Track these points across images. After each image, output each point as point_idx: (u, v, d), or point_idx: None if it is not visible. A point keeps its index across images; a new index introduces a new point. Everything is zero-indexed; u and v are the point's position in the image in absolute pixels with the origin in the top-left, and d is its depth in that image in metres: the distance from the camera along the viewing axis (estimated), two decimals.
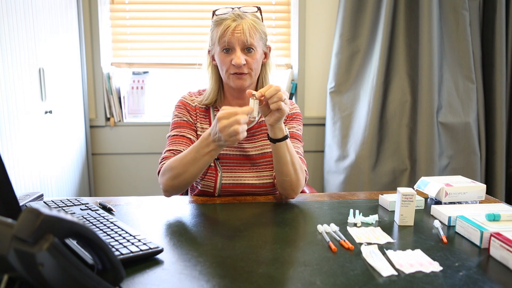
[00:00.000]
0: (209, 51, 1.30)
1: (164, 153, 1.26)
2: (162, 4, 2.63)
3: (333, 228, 0.97)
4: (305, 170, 1.25)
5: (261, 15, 1.26)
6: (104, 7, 2.58)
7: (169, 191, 1.18)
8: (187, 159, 1.11)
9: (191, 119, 1.31)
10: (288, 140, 1.15)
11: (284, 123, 1.36)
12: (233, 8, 1.22)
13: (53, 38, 2.08)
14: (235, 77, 1.22)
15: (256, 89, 1.32)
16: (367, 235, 0.94)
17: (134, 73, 2.70)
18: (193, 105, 1.33)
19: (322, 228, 0.97)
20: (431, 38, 2.29)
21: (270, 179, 1.31)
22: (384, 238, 0.93)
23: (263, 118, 1.35)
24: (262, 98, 1.06)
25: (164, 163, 1.21)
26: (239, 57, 1.18)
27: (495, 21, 2.36)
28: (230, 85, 1.25)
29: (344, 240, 0.89)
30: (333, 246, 0.87)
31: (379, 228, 0.99)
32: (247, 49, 1.20)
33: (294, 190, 1.19)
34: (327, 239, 0.91)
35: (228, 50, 1.20)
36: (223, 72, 1.24)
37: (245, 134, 1.00)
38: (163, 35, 2.67)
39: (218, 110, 1.32)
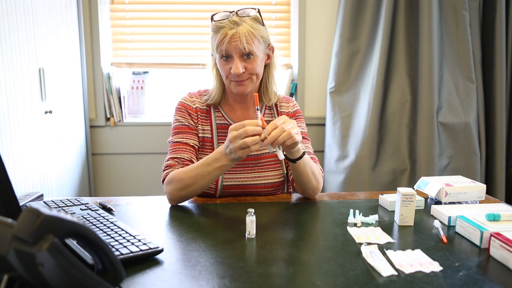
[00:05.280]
0: (212, 54, 1.29)
1: (168, 160, 1.25)
2: (162, 4, 2.63)
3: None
4: (321, 169, 1.28)
5: (260, 16, 1.23)
6: (104, 7, 2.58)
7: (176, 201, 1.18)
8: (197, 172, 1.11)
9: (192, 122, 1.30)
10: (305, 156, 1.16)
11: None
12: (231, 12, 1.19)
13: (53, 38, 2.08)
14: (235, 84, 1.22)
15: (259, 92, 1.32)
16: (367, 235, 0.94)
17: (134, 73, 2.70)
18: (194, 106, 1.31)
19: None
20: (431, 38, 2.29)
21: (273, 179, 1.30)
22: (384, 238, 0.93)
23: (266, 118, 1.35)
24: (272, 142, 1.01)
25: (168, 172, 1.21)
26: (237, 67, 1.17)
27: (495, 21, 2.36)
28: (232, 91, 1.25)
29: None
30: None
31: (379, 228, 0.99)
32: (246, 55, 1.19)
33: (315, 193, 1.25)
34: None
35: (227, 57, 1.20)
36: (224, 78, 1.25)
37: (258, 147, 1.00)
38: (163, 35, 2.67)
39: (219, 111, 1.32)
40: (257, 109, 1.09)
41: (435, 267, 0.78)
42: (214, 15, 1.21)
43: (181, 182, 1.14)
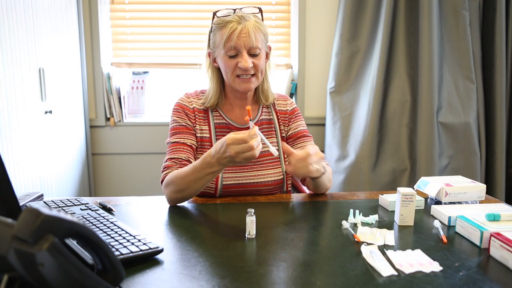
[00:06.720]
0: (209, 54, 1.28)
1: (166, 161, 1.24)
2: (162, 4, 2.63)
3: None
4: (327, 164, 1.30)
5: (261, 16, 1.25)
6: (104, 7, 2.58)
7: (174, 202, 1.18)
8: (189, 178, 1.10)
9: (189, 122, 1.29)
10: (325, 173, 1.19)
11: (288, 123, 1.37)
12: (234, 10, 1.20)
13: (53, 38, 2.08)
14: (241, 81, 1.21)
15: (256, 92, 1.32)
16: (367, 235, 0.94)
17: (134, 73, 2.70)
18: (191, 107, 1.31)
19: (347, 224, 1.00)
20: (431, 38, 2.29)
21: (273, 177, 1.31)
22: (384, 238, 0.93)
23: (264, 117, 1.35)
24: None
25: (167, 173, 1.21)
26: (247, 61, 1.17)
27: (495, 21, 2.36)
28: (236, 88, 1.24)
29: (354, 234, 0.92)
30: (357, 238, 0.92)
31: (385, 229, 0.99)
32: (253, 51, 1.19)
33: (327, 189, 1.30)
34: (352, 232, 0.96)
35: (234, 55, 1.19)
36: (228, 75, 1.23)
37: (259, 151, 1.00)
38: (163, 35, 2.67)
39: (218, 112, 1.32)
40: (250, 120, 1.04)
41: (435, 267, 0.78)
42: (216, 12, 1.22)
43: (176, 186, 1.13)
